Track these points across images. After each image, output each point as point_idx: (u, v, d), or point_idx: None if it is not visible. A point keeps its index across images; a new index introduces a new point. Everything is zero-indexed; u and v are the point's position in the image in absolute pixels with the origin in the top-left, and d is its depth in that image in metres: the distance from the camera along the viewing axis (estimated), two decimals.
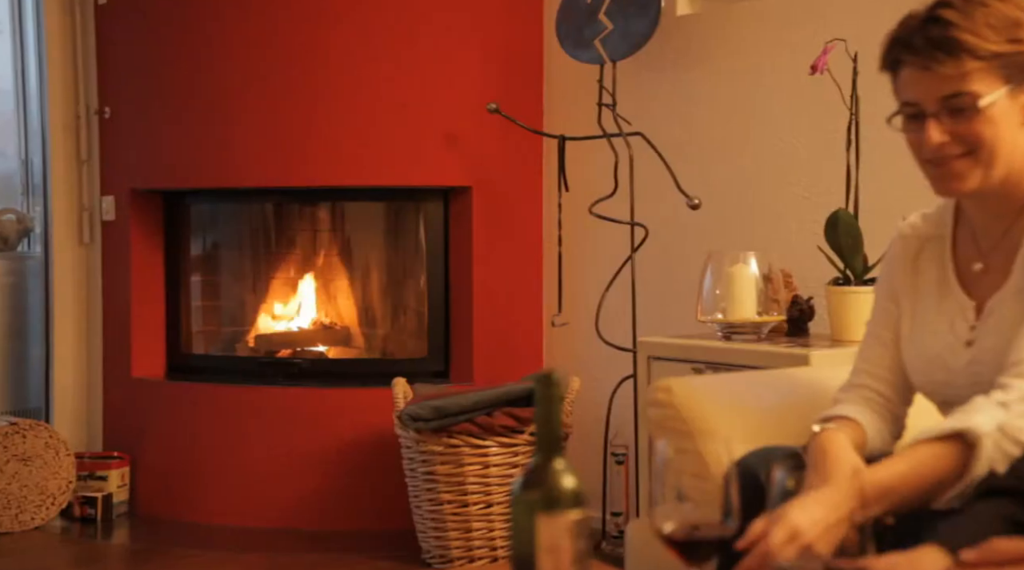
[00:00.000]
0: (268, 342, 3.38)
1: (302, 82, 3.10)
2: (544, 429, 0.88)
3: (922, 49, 1.21)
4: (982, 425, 1.15)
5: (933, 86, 1.21)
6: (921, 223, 1.40)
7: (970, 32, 1.19)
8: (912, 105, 1.25)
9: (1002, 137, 1.23)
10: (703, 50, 2.78)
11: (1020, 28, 1.22)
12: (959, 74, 1.20)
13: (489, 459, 2.57)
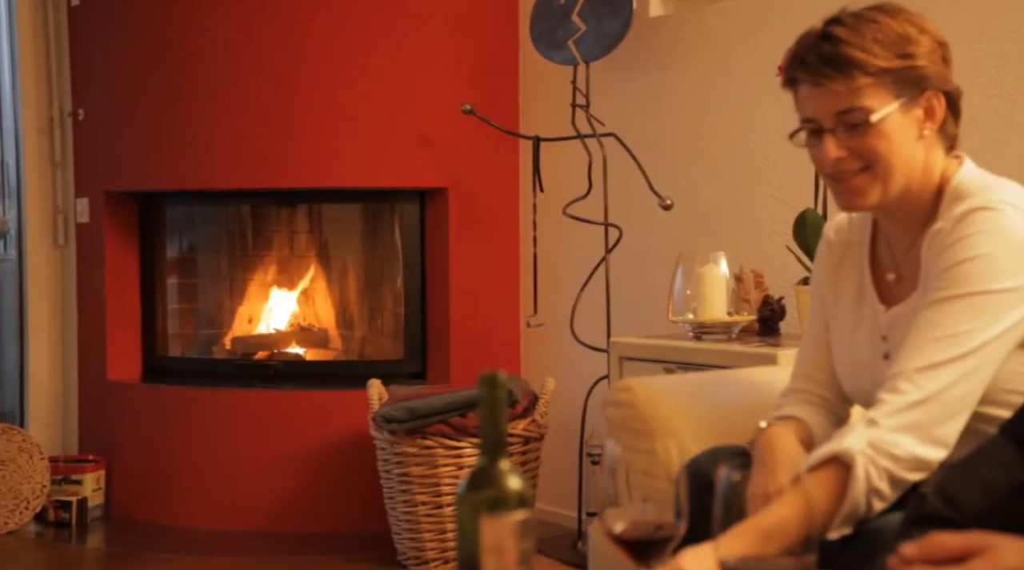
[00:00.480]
0: (244, 344, 3.37)
1: (278, 84, 3.09)
2: (489, 430, 0.88)
3: (814, 66, 1.21)
4: (853, 444, 1.14)
5: (827, 102, 1.22)
6: (846, 227, 1.40)
7: (859, 49, 1.20)
8: (811, 121, 1.25)
9: (897, 151, 1.23)
10: (676, 51, 2.79)
11: (910, 43, 1.22)
12: (850, 90, 1.20)
13: (463, 460, 2.57)
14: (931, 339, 1.15)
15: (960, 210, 1.19)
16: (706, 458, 1.28)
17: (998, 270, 1.15)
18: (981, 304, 1.14)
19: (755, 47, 2.59)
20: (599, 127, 2.80)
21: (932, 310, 1.17)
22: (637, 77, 2.88)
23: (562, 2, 2.83)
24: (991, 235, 1.17)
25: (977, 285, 1.15)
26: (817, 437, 1.30)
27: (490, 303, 3.21)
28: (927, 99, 1.23)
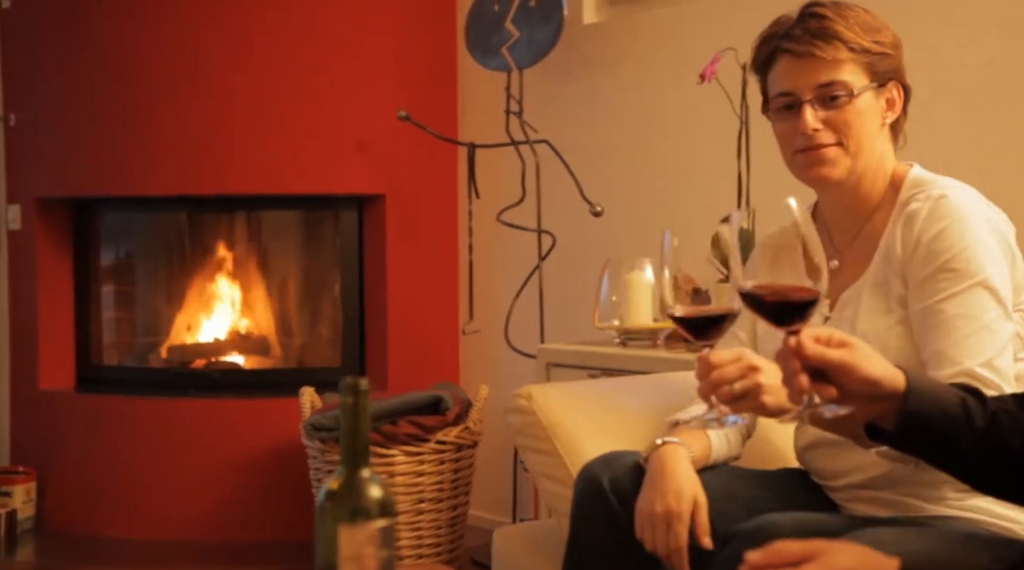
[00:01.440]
0: (182, 353, 3.33)
1: (215, 89, 3.07)
2: (350, 439, 0.87)
3: (801, 38, 1.28)
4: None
5: (810, 74, 1.27)
6: (778, 233, 1.42)
7: (844, 26, 1.29)
8: (787, 94, 1.30)
9: (866, 131, 1.30)
10: (609, 58, 2.81)
11: (880, 33, 1.31)
12: (835, 62, 1.27)
13: (394, 468, 2.56)
14: (973, 332, 1.19)
15: (936, 193, 1.25)
16: (599, 464, 1.28)
17: (988, 256, 1.22)
18: (992, 289, 1.20)
19: (685, 55, 2.61)
20: (532, 134, 2.81)
21: (954, 304, 1.20)
22: (571, 84, 2.89)
23: (496, 9, 2.84)
24: (972, 221, 1.23)
25: (981, 273, 1.20)
26: (716, 449, 1.32)
27: (429, 310, 3.20)
28: (890, 89, 1.31)
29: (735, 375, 1.03)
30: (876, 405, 0.95)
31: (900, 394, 0.94)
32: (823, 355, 0.93)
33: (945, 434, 0.95)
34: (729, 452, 1.34)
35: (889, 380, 0.94)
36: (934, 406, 0.95)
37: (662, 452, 1.25)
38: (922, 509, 1.24)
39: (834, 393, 0.93)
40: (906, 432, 0.95)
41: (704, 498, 1.22)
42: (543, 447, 1.40)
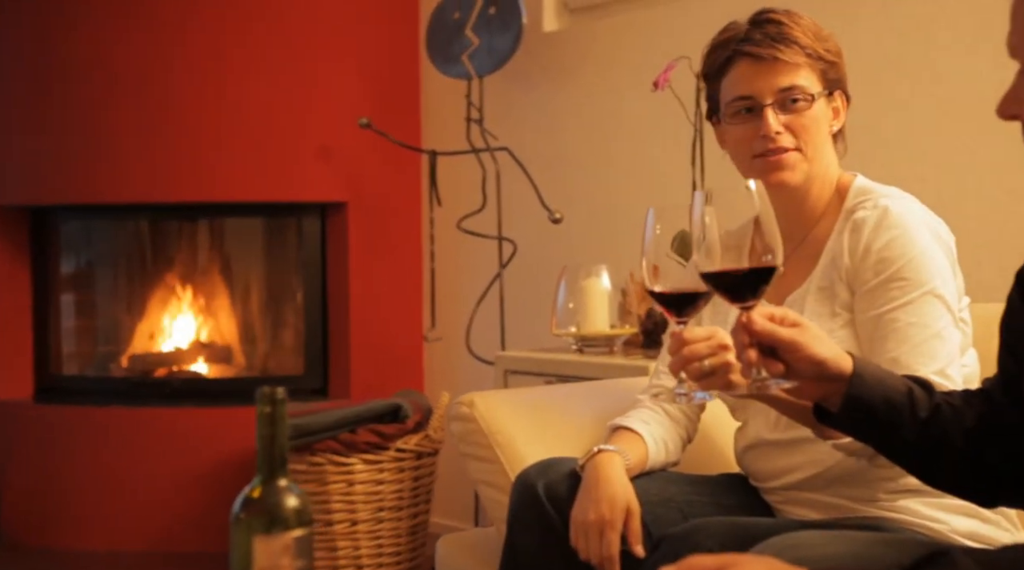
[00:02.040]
0: (143, 362, 3.30)
1: (176, 95, 3.05)
2: (267, 448, 0.87)
3: (763, 42, 1.29)
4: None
5: (772, 78, 1.29)
6: (724, 238, 1.44)
7: (800, 32, 1.31)
8: (747, 98, 1.31)
9: (820, 137, 1.32)
10: (568, 66, 2.81)
11: (829, 42, 1.34)
12: (795, 66, 1.29)
13: (354, 477, 2.55)
14: (925, 340, 1.21)
15: (882, 203, 1.27)
16: (535, 471, 1.28)
17: (936, 265, 1.24)
18: (941, 297, 1.22)
19: (643, 62, 2.62)
20: (493, 141, 2.81)
21: (907, 312, 1.22)
22: (531, 91, 2.89)
23: (456, 16, 2.84)
24: (919, 231, 1.25)
25: (931, 282, 1.22)
26: (654, 455, 1.32)
27: (392, 317, 3.19)
28: (836, 98, 1.34)
29: (706, 352, 1.05)
30: (822, 386, 0.96)
31: (846, 377, 0.96)
32: (773, 332, 0.95)
33: (888, 421, 0.96)
34: (667, 458, 1.35)
35: (835, 362, 0.96)
36: (879, 392, 0.96)
37: (597, 460, 1.25)
38: (854, 510, 1.25)
39: (781, 369, 0.95)
40: (850, 414, 0.96)
41: (637, 506, 1.23)
42: (484, 454, 1.40)
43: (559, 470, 1.27)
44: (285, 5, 3.08)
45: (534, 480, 1.26)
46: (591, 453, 1.27)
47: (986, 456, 0.98)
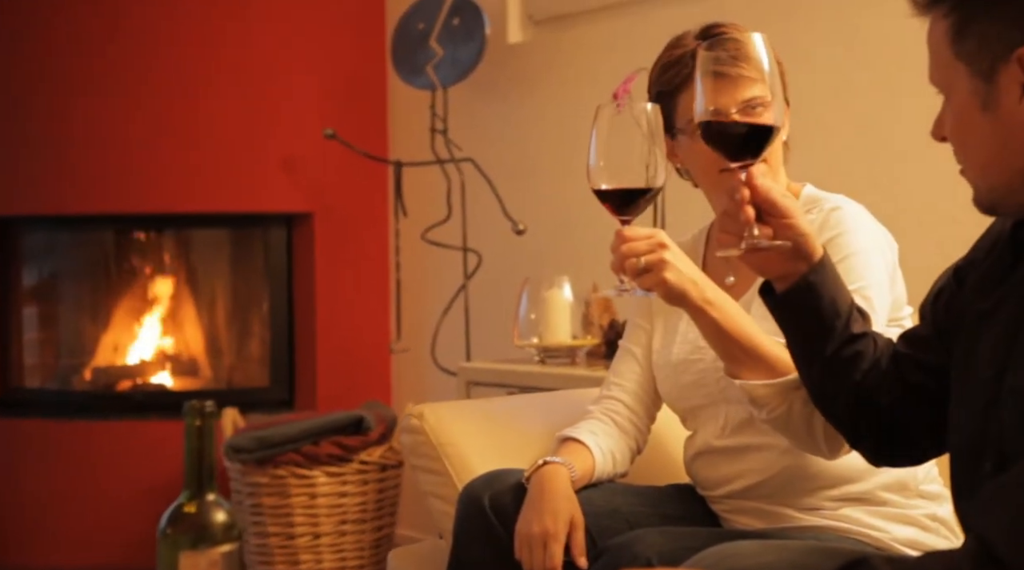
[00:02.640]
0: (107, 375, 3.27)
1: (140, 106, 3.03)
2: (195, 462, 0.86)
3: (727, 60, 1.28)
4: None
5: (736, 92, 1.29)
6: (689, 238, 1.46)
7: (751, 47, 1.28)
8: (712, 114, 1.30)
9: (778, 144, 1.34)
10: (533, 77, 2.82)
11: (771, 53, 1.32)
12: (755, 80, 1.29)
13: (316, 490, 2.53)
14: None
15: (829, 206, 1.29)
16: (481, 482, 1.28)
17: (870, 267, 1.25)
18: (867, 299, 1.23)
19: (607, 74, 2.63)
20: (457, 152, 2.81)
21: None
22: (495, 102, 2.90)
23: (421, 27, 2.84)
24: (860, 233, 1.27)
25: (860, 281, 1.23)
26: (601, 466, 1.32)
27: (358, 328, 3.18)
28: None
29: (644, 250, 1.08)
30: (785, 264, 1.00)
31: (812, 261, 1.00)
32: (771, 191, 0.98)
33: (825, 320, 1.00)
34: (615, 469, 1.35)
35: (813, 240, 1.01)
36: (831, 289, 1.01)
37: (543, 472, 1.25)
38: (797, 519, 1.26)
39: (770, 232, 0.99)
40: (798, 296, 1.00)
41: (581, 518, 1.23)
42: (433, 466, 1.39)
43: (505, 482, 1.27)
44: (250, 16, 3.07)
45: (480, 492, 1.25)
46: (537, 465, 1.27)
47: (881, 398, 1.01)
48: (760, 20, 2.21)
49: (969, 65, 0.88)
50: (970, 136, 0.90)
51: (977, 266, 0.99)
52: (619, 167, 1.14)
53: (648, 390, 1.41)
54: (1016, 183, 0.89)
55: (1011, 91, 0.86)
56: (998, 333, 0.91)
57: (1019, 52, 0.85)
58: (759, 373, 1.14)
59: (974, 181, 0.93)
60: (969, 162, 0.92)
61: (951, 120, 0.92)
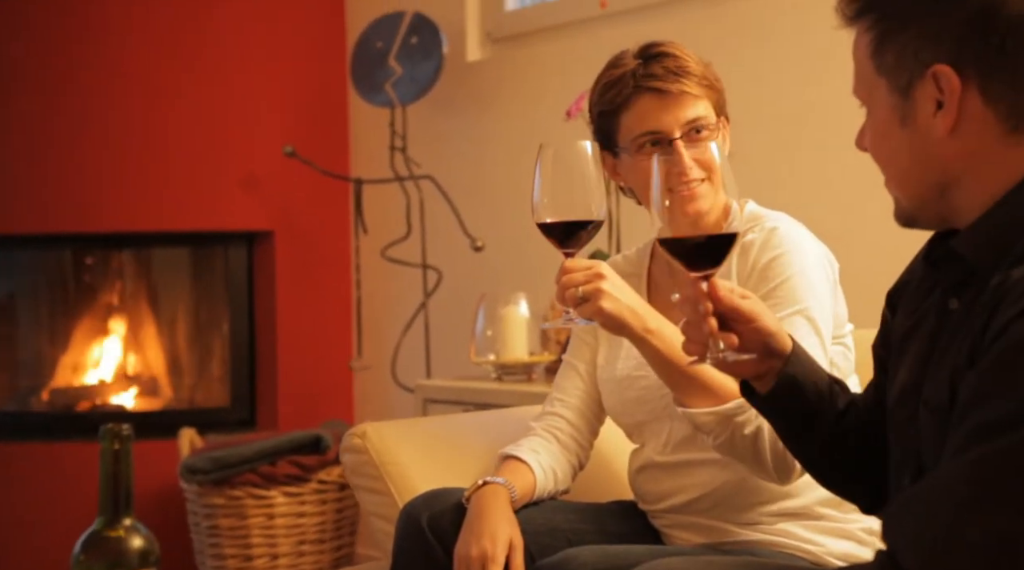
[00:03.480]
0: (65, 396, 3.23)
1: (100, 123, 3.01)
2: (110, 486, 0.85)
3: (666, 76, 1.28)
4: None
5: (678, 111, 1.29)
6: (621, 262, 1.47)
7: (693, 63, 1.31)
8: (655, 133, 1.31)
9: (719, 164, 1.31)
10: (491, 95, 2.83)
11: (711, 69, 1.35)
12: (696, 98, 1.30)
13: (274, 510, 2.51)
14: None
15: (769, 226, 1.29)
16: (420, 502, 1.27)
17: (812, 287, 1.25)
18: (811, 320, 1.23)
19: (566, 91, 2.65)
20: (417, 169, 2.81)
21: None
22: (454, 120, 2.90)
23: (379, 46, 2.85)
24: (801, 253, 1.27)
25: (803, 303, 1.23)
26: (542, 484, 1.32)
27: (320, 347, 3.16)
28: (724, 124, 1.35)
29: (581, 280, 1.12)
30: (759, 365, 0.99)
31: (785, 355, 0.98)
32: (734, 300, 0.96)
33: (813, 406, 0.99)
34: (556, 487, 1.35)
35: (781, 337, 0.99)
36: (810, 375, 1.00)
37: (482, 493, 1.25)
38: (736, 534, 1.26)
39: (735, 341, 0.96)
40: (781, 391, 0.98)
41: (520, 539, 1.22)
42: (375, 486, 1.38)
43: (445, 501, 1.27)
44: (210, 34, 3.06)
45: (419, 512, 1.25)
46: (477, 485, 1.26)
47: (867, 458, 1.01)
48: (714, 38, 2.24)
49: (888, 80, 0.88)
50: (889, 149, 0.91)
51: (906, 288, 1.00)
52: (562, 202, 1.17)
53: (591, 406, 1.41)
54: (930, 196, 0.89)
55: (926, 107, 0.86)
56: (917, 350, 0.91)
57: (934, 69, 0.85)
58: (703, 400, 1.15)
59: (894, 194, 0.94)
60: (888, 174, 0.93)
61: (871, 133, 0.93)
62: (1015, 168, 0.85)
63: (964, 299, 0.87)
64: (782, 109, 2.19)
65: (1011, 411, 0.74)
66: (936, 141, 0.87)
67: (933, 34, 0.85)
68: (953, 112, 0.85)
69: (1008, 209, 0.85)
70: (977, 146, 0.86)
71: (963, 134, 0.86)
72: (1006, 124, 0.85)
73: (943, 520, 0.75)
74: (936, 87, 0.85)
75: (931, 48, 0.85)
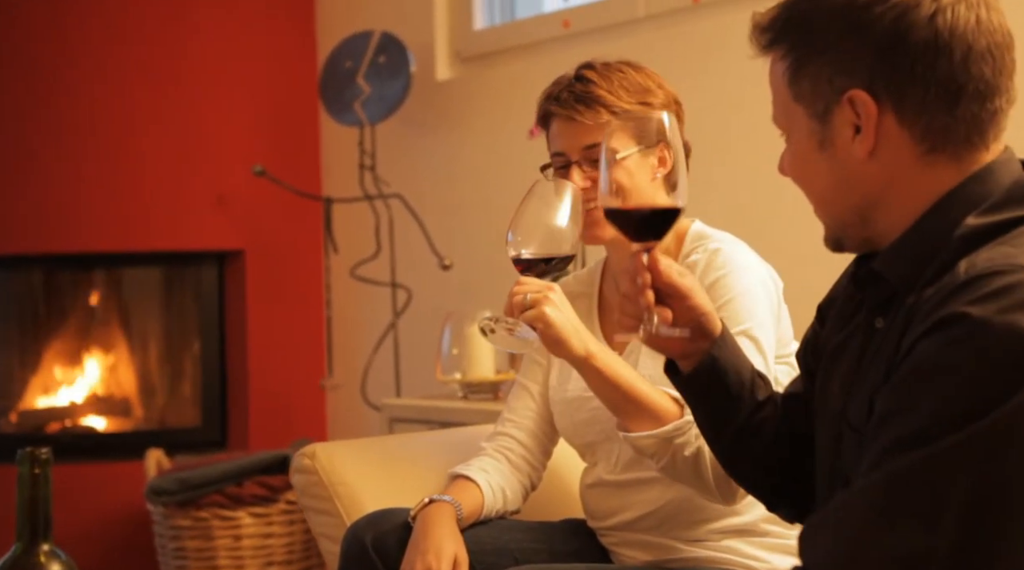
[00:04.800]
0: (34, 417, 3.21)
1: (69, 144, 3.00)
2: (29, 511, 0.84)
3: (567, 102, 1.31)
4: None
5: (576, 137, 1.31)
6: (572, 282, 1.47)
7: (607, 91, 1.31)
8: (560, 155, 1.33)
9: (636, 190, 1.29)
10: (460, 113, 2.84)
11: (650, 94, 1.34)
12: (596, 125, 1.29)
13: (241, 531, 2.49)
14: None
15: (712, 247, 1.30)
16: (364, 523, 1.27)
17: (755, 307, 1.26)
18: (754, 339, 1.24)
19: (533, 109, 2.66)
20: (386, 188, 2.82)
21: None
22: (424, 139, 2.91)
23: (348, 65, 2.85)
24: (744, 273, 1.28)
25: (746, 323, 1.24)
26: (491, 503, 1.32)
27: (292, 366, 3.15)
28: (661, 149, 1.30)
29: (533, 289, 1.15)
30: (688, 344, 0.99)
31: (714, 337, 0.99)
32: (672, 276, 0.97)
33: (733, 392, 0.99)
34: (505, 506, 1.34)
35: (713, 318, 0.99)
36: (734, 361, 1.00)
37: (428, 511, 1.24)
38: (682, 551, 1.27)
39: (670, 317, 0.97)
40: (705, 373, 0.99)
41: (465, 557, 1.22)
42: (324, 507, 1.38)
43: (390, 522, 1.26)
44: (180, 55, 3.07)
45: (363, 533, 1.24)
46: (423, 503, 1.26)
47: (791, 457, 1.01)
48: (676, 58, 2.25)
49: (805, 106, 0.89)
50: (809, 173, 0.91)
51: (834, 302, 1.00)
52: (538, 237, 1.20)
53: (543, 427, 1.40)
54: (852, 220, 0.90)
55: (844, 131, 0.87)
56: (845, 369, 0.92)
57: (849, 94, 0.86)
58: (645, 423, 1.15)
59: (820, 218, 0.94)
60: (811, 199, 0.94)
61: (791, 158, 0.94)
62: (931, 188, 0.86)
63: (888, 318, 0.87)
64: (739, 128, 2.20)
65: (918, 428, 0.75)
66: (855, 164, 0.87)
67: (846, 61, 0.86)
68: (872, 136, 0.86)
69: (924, 229, 0.86)
70: (895, 168, 0.87)
71: (881, 157, 0.87)
72: (922, 146, 0.86)
73: (852, 537, 0.75)
74: (853, 112, 0.86)
75: (845, 74, 0.86)
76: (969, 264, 0.79)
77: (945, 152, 0.85)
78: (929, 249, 0.84)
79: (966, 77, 0.84)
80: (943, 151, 0.85)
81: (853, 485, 0.78)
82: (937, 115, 0.84)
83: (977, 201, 0.84)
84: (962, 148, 0.86)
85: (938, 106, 0.84)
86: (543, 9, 2.79)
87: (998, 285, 0.75)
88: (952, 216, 0.84)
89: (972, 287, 0.76)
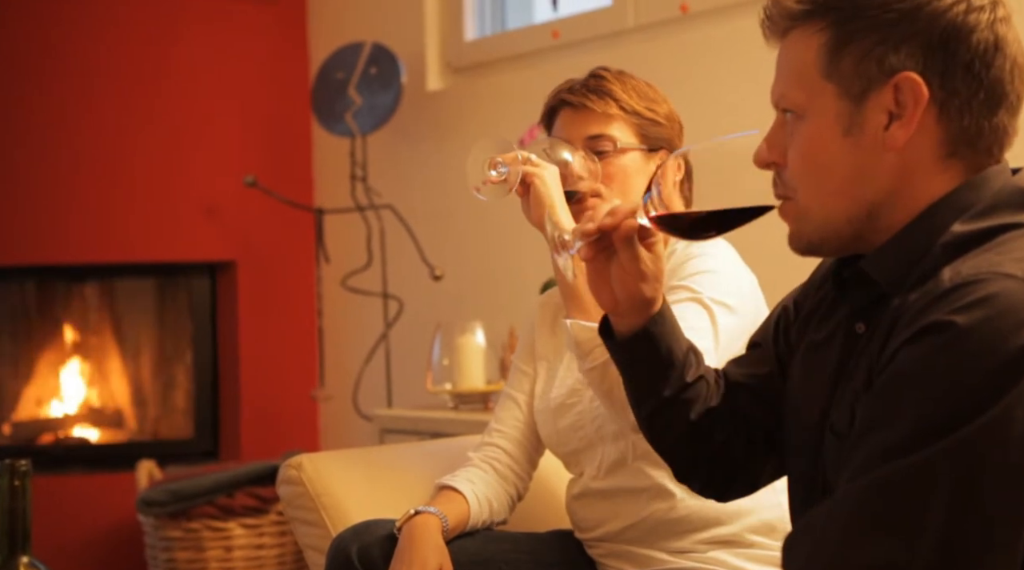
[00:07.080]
0: (28, 428, 3.20)
1: (61, 154, 3.01)
2: (7, 523, 0.84)
3: (579, 92, 1.33)
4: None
5: (582, 126, 1.33)
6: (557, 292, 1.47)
7: (619, 88, 1.35)
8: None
9: (633, 188, 1.33)
10: (451, 124, 2.85)
11: (656, 104, 1.37)
12: (604, 116, 1.32)
13: (232, 542, 2.48)
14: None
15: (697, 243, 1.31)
16: (349, 534, 1.26)
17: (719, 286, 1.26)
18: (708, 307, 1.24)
19: (525, 119, 2.66)
20: (378, 199, 2.82)
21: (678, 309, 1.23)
22: (415, 149, 2.92)
23: (340, 76, 2.86)
24: (720, 260, 1.30)
25: (704, 293, 1.25)
26: (476, 514, 1.32)
27: (284, 377, 3.14)
28: (662, 156, 1.35)
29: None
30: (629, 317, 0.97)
31: (651, 312, 0.96)
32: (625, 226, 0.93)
33: (660, 368, 0.98)
34: (492, 517, 1.34)
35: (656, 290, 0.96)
36: (668, 339, 0.97)
37: (413, 522, 1.24)
38: (668, 563, 1.27)
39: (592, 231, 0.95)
40: (635, 343, 0.97)
41: (450, 568, 1.21)
42: (310, 518, 1.37)
43: (376, 533, 1.26)
44: (172, 65, 3.08)
45: (348, 544, 1.24)
46: (408, 515, 1.26)
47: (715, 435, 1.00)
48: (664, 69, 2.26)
49: (839, 85, 0.84)
50: (823, 160, 0.86)
51: (810, 297, 0.99)
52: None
53: (530, 437, 1.40)
54: (859, 213, 0.86)
55: (876, 118, 0.83)
56: (825, 375, 0.91)
57: (898, 78, 0.82)
58: (591, 316, 1.16)
59: (804, 213, 0.89)
60: (812, 189, 0.88)
61: (802, 142, 0.87)
62: (933, 193, 0.84)
63: (870, 323, 0.87)
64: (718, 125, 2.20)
65: (900, 437, 0.74)
66: (879, 153, 0.84)
67: (902, 42, 0.82)
68: (913, 123, 0.82)
69: (914, 233, 0.84)
70: (914, 166, 0.84)
71: (905, 151, 0.83)
72: (946, 147, 0.84)
73: (832, 545, 0.75)
74: (893, 98, 0.83)
75: (898, 56, 0.82)
76: (953, 272, 0.78)
77: (964, 159, 0.84)
78: (917, 254, 0.82)
79: (1010, 87, 0.83)
80: (962, 158, 0.84)
81: (835, 493, 0.78)
82: (976, 119, 0.83)
83: (966, 207, 0.83)
84: (981, 157, 0.84)
85: (980, 110, 0.83)
86: (533, 20, 2.80)
87: (982, 293, 0.74)
88: (941, 221, 0.83)
89: (956, 295, 0.76)
